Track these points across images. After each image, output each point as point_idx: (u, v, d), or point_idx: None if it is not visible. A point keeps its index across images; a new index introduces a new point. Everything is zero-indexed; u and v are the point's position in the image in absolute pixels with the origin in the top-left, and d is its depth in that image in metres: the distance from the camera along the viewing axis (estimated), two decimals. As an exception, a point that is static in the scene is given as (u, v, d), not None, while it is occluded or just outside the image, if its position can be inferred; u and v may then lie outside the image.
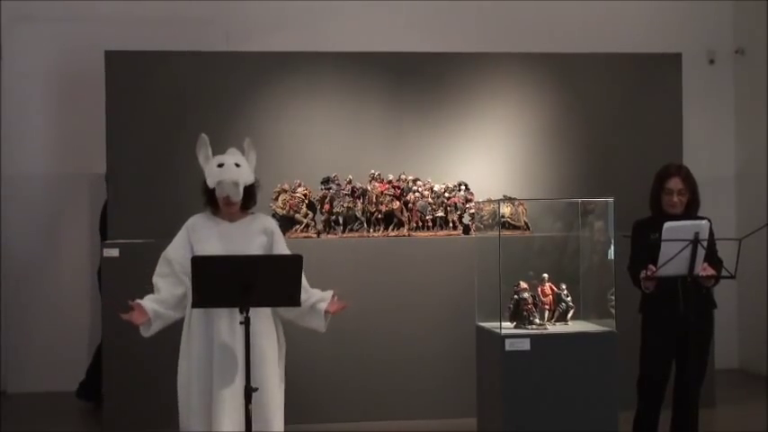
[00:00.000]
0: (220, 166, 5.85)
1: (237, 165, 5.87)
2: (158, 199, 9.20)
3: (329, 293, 5.91)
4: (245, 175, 5.89)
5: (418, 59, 9.82)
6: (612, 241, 6.84)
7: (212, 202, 5.91)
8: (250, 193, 5.95)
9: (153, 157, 9.31)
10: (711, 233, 6.27)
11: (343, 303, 5.95)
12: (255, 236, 5.93)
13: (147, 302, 5.82)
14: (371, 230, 8.74)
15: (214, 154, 5.97)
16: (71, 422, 8.97)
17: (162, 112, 9.37)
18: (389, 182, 8.90)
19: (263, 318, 5.80)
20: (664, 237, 5.97)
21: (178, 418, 5.91)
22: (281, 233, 6.15)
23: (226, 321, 5.69)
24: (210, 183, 5.85)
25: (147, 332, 5.85)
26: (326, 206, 8.76)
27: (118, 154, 9.26)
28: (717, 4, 11.47)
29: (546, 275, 6.96)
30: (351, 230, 8.73)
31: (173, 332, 6.06)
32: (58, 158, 10.47)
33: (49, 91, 10.50)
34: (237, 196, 5.83)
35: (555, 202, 8.49)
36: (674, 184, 6.51)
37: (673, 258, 5.95)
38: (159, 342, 8.06)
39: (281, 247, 6.00)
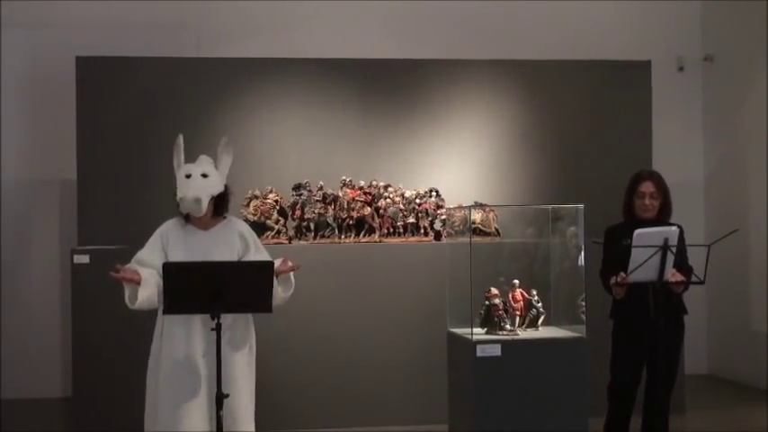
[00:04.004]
0: (188, 176, 5.79)
1: (205, 176, 5.81)
2: (129, 205, 9.18)
3: (279, 259, 5.83)
4: (212, 187, 5.83)
5: (390, 66, 9.85)
6: (583, 247, 6.88)
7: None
8: (222, 201, 5.91)
9: (124, 163, 9.29)
10: (682, 239, 6.32)
11: (294, 264, 5.87)
12: (228, 243, 5.91)
13: (137, 266, 5.71)
14: (343, 237, 8.74)
15: (185, 160, 5.92)
16: (42, 428, 8.93)
17: (133, 118, 9.35)
18: (361, 188, 8.90)
19: (238, 323, 5.80)
20: (634, 243, 6.01)
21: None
22: (256, 236, 6.13)
23: (200, 328, 5.68)
24: (177, 195, 5.81)
25: (134, 300, 5.60)
26: (298, 212, 8.75)
27: (88, 160, 9.23)
28: (686, 12, 11.55)
29: (517, 281, 6.99)
30: (322, 237, 8.72)
31: (142, 336, 6.04)
32: (29, 164, 10.40)
33: (20, 96, 10.43)
34: (199, 213, 5.78)
35: (525, 209, 8.51)
36: (646, 187, 6.56)
37: (642, 264, 5.98)
38: (129, 346, 8.07)
39: (261, 254, 5.99)
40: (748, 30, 10.71)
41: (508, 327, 6.83)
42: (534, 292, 7.01)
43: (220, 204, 5.91)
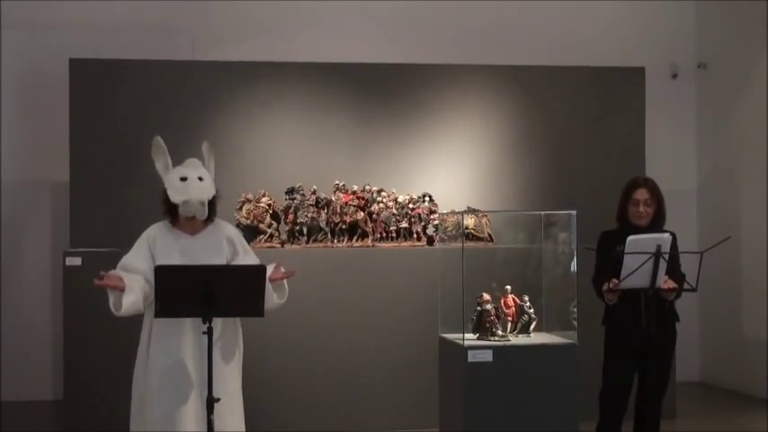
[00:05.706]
0: (183, 179, 5.73)
1: (201, 179, 5.76)
2: (122, 208, 9.14)
3: (272, 265, 5.80)
4: (209, 190, 5.79)
5: (384, 71, 9.85)
6: (575, 254, 6.87)
7: (172, 213, 5.81)
8: (212, 206, 5.85)
9: (116, 165, 9.27)
10: (675, 246, 6.33)
11: (287, 271, 5.85)
12: (218, 247, 5.86)
13: (121, 272, 5.65)
14: (335, 241, 8.73)
15: (175, 163, 5.86)
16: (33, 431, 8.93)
17: (126, 121, 9.33)
18: (354, 192, 8.90)
19: (226, 327, 5.77)
20: (627, 249, 6.02)
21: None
22: (244, 239, 6.09)
23: (190, 331, 5.65)
24: (174, 198, 5.71)
25: (119, 307, 5.53)
26: (291, 216, 8.74)
27: (82, 162, 9.21)
28: (680, 19, 11.57)
29: (509, 287, 6.98)
30: (315, 241, 8.71)
31: (133, 339, 6.01)
32: (22, 165, 10.37)
33: (13, 98, 10.40)
34: (203, 216, 5.75)
35: (518, 215, 8.52)
36: (641, 194, 6.57)
37: (635, 271, 5.99)
38: (120, 349, 8.02)
39: (249, 257, 5.97)
40: (742, 38, 10.74)
41: (500, 332, 6.83)
42: (526, 298, 7.00)
43: (210, 210, 5.85)
